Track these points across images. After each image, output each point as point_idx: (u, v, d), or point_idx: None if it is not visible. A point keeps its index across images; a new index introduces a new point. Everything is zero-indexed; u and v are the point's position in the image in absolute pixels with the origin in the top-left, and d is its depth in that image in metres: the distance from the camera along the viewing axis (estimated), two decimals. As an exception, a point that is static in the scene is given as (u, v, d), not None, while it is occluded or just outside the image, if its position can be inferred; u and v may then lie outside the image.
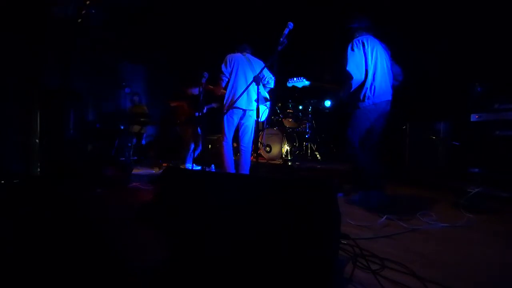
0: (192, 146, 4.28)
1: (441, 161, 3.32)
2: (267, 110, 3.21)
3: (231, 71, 2.87)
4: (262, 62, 3.00)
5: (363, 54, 2.28)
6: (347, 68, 2.26)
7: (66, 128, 3.99)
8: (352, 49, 2.29)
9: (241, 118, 2.91)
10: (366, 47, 2.28)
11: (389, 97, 2.34)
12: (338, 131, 5.82)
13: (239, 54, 2.96)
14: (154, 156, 5.40)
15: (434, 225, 1.80)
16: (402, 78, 2.54)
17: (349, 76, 2.26)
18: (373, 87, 2.27)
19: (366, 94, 2.29)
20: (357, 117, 2.35)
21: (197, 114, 4.17)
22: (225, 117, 2.90)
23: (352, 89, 2.29)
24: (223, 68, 2.90)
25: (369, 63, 2.28)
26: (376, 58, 2.30)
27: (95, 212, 2.15)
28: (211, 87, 3.41)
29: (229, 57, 2.91)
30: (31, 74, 3.20)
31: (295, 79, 2.63)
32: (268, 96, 3.13)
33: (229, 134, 2.91)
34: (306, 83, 2.60)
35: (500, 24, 3.47)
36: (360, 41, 2.30)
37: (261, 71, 2.55)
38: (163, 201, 1.49)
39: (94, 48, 5.23)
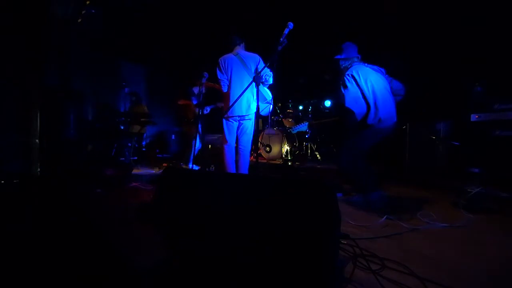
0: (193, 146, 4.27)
1: (441, 161, 3.32)
2: (270, 106, 3.17)
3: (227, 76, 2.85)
4: (256, 56, 2.87)
5: (357, 88, 2.27)
6: (346, 105, 2.28)
7: (66, 128, 3.99)
8: (346, 87, 2.29)
9: (240, 120, 2.92)
10: (358, 79, 2.26)
11: (395, 119, 2.31)
12: (338, 131, 5.83)
13: (231, 56, 2.85)
14: (154, 156, 5.40)
15: (434, 225, 1.80)
16: (404, 92, 2.48)
17: (350, 112, 2.28)
18: (378, 117, 2.23)
19: (373, 122, 2.25)
20: (364, 135, 2.30)
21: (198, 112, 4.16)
22: (224, 121, 2.92)
23: (359, 120, 2.29)
24: (219, 75, 2.86)
25: (368, 94, 2.25)
26: (373, 87, 2.25)
27: (95, 212, 2.15)
28: (212, 84, 3.37)
29: (221, 61, 2.85)
30: (31, 74, 3.20)
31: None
32: (269, 93, 3.07)
33: (230, 137, 2.92)
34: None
35: (500, 24, 3.47)
36: (350, 75, 2.29)
37: (260, 71, 2.54)
38: (163, 201, 1.49)
39: (94, 48, 5.22)
